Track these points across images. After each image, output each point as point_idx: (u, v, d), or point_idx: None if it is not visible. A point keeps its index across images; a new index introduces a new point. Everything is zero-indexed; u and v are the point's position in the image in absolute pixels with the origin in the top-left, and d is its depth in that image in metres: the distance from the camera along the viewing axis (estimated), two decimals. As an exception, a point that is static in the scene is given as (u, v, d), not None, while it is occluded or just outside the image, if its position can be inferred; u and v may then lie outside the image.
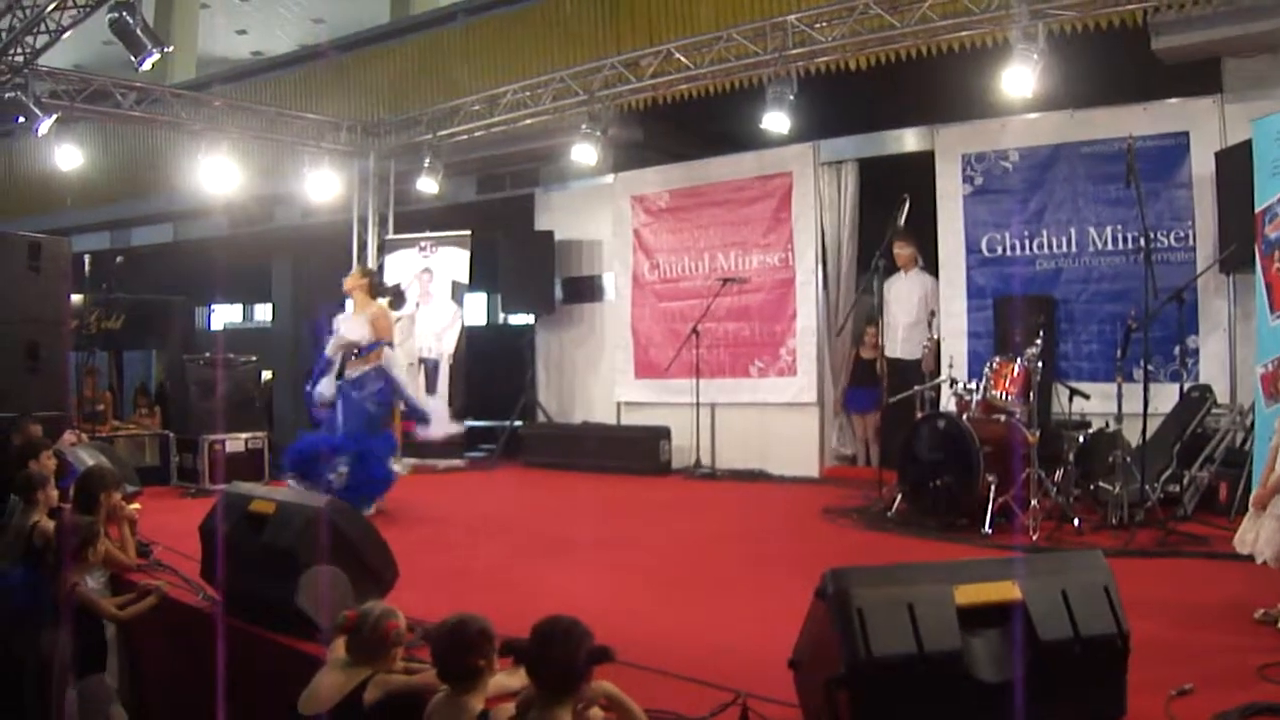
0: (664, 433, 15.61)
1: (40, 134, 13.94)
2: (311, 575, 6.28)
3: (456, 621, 4.68)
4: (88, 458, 10.14)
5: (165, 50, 11.86)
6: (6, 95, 13.69)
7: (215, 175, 15.84)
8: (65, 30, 12.43)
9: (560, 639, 4.23)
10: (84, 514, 7.37)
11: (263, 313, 35.69)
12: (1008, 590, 4.33)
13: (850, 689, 4.07)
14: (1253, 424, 10.16)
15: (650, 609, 7.38)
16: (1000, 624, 4.27)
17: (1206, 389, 11.19)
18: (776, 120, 12.90)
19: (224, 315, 38.01)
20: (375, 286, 12.25)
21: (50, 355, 12.59)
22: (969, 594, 4.28)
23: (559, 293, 17.75)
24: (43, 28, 12.53)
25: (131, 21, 11.41)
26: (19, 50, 13.04)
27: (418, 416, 12.83)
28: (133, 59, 11.75)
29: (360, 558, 6.63)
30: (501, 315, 23.98)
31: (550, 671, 4.23)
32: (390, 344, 11.94)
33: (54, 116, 13.88)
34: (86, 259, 16.41)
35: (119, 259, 17.42)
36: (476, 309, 24.90)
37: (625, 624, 5.97)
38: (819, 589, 4.35)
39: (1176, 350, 11.85)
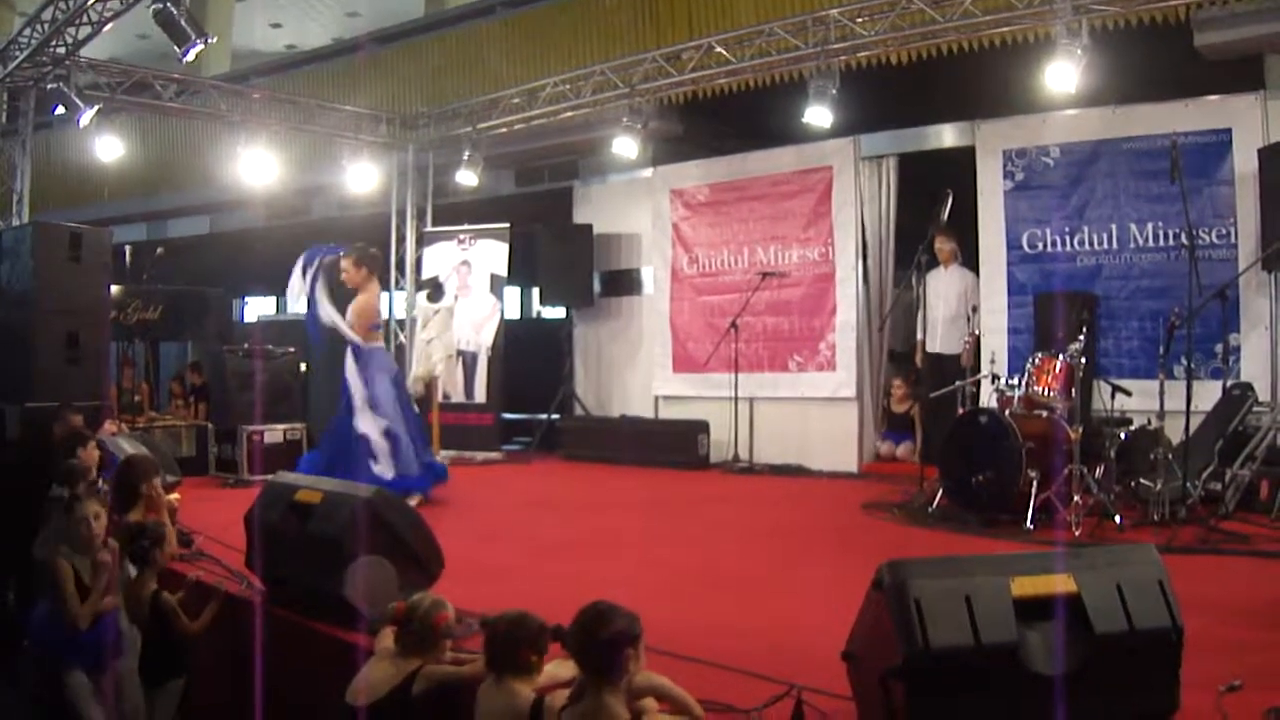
0: (702, 427, 15.59)
1: (82, 125, 14.00)
2: (358, 565, 6.29)
3: (519, 615, 4.73)
4: (128, 448, 10.16)
5: (209, 41, 11.89)
6: (48, 86, 13.77)
7: (253, 167, 15.95)
8: (107, 22, 12.50)
9: (597, 622, 4.26)
10: (124, 504, 7.39)
11: (297, 304, 35.70)
12: (1064, 583, 4.31)
13: (907, 680, 4.06)
14: (1294, 422, 10.16)
15: (696, 601, 7.38)
16: (1056, 616, 4.25)
17: (1248, 387, 11.11)
18: (819, 115, 12.93)
19: (257, 307, 38.02)
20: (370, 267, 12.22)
21: (90, 345, 12.63)
22: (1025, 586, 4.26)
23: (597, 286, 17.81)
24: (84, 19, 12.58)
25: (176, 12, 11.46)
26: (60, 42, 13.10)
27: None
28: (176, 50, 11.79)
29: (407, 548, 6.63)
30: (536, 308, 23.97)
31: (592, 655, 4.25)
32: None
33: (95, 108, 13.97)
34: (127, 250, 16.48)
35: (159, 250, 17.50)
36: (512, 302, 24.90)
37: (672, 616, 5.97)
38: (875, 580, 4.33)
39: (1218, 348, 11.78)
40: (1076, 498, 9.59)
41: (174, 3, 11.44)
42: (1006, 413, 10.22)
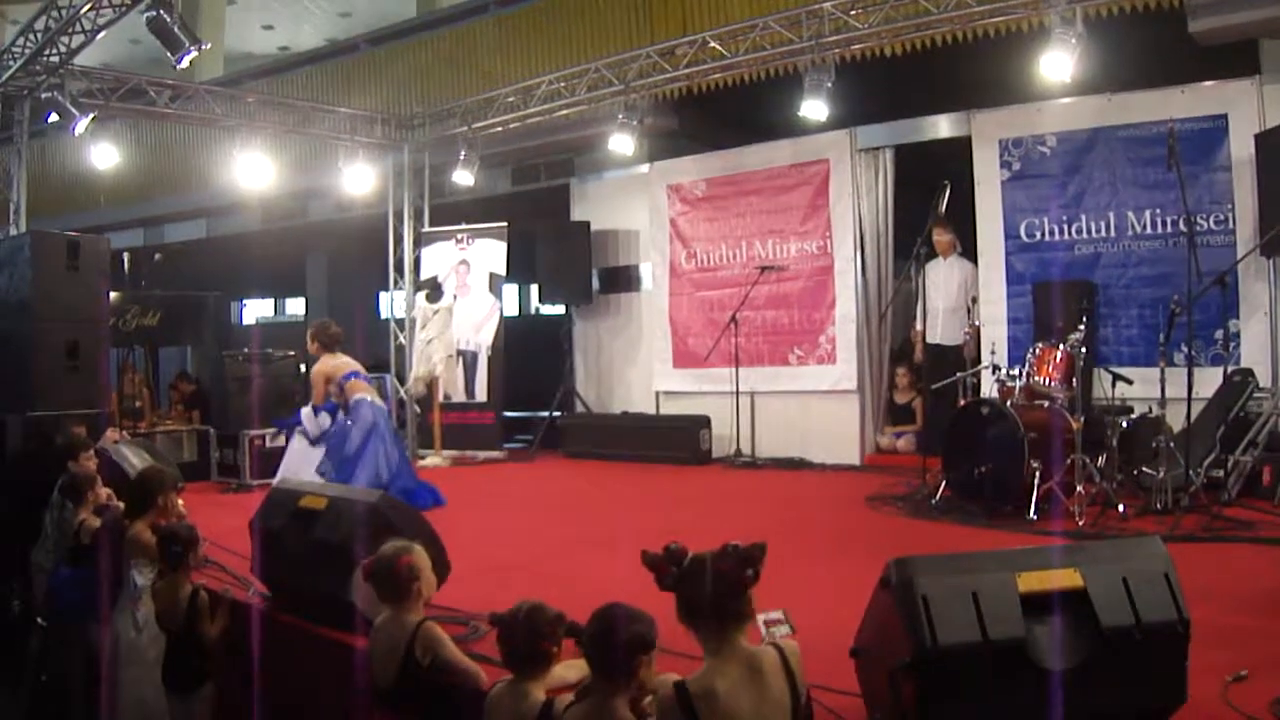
0: (704, 422, 15.61)
1: (77, 133, 13.99)
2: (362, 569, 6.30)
3: (531, 607, 4.68)
4: (131, 455, 10.16)
5: (203, 48, 11.89)
6: (43, 95, 13.76)
7: (249, 171, 15.95)
8: (101, 30, 12.48)
9: (613, 625, 4.25)
10: (136, 513, 7.39)
11: (294, 306, 35.74)
12: (1070, 577, 4.32)
13: (916, 677, 4.07)
14: (1295, 408, 10.17)
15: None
16: (1062, 611, 4.26)
17: (1248, 373, 11.11)
18: (815, 108, 12.90)
19: (255, 310, 38.04)
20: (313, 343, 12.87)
21: (90, 353, 12.61)
22: (1031, 581, 4.27)
23: (596, 283, 17.81)
24: (78, 27, 12.56)
25: (169, 20, 11.45)
26: (54, 50, 13.08)
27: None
28: (170, 57, 11.79)
29: (412, 552, 6.64)
30: (535, 305, 24.00)
31: (604, 657, 4.25)
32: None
33: (90, 115, 13.93)
34: (125, 256, 16.48)
35: (157, 256, 17.50)
36: (510, 300, 24.95)
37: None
38: (883, 578, 4.35)
39: (1218, 334, 11.81)
40: (1079, 487, 9.64)
41: (167, 10, 11.43)
42: (1008, 403, 10.22)
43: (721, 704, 3.85)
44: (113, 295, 14.51)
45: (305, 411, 12.44)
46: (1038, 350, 10.52)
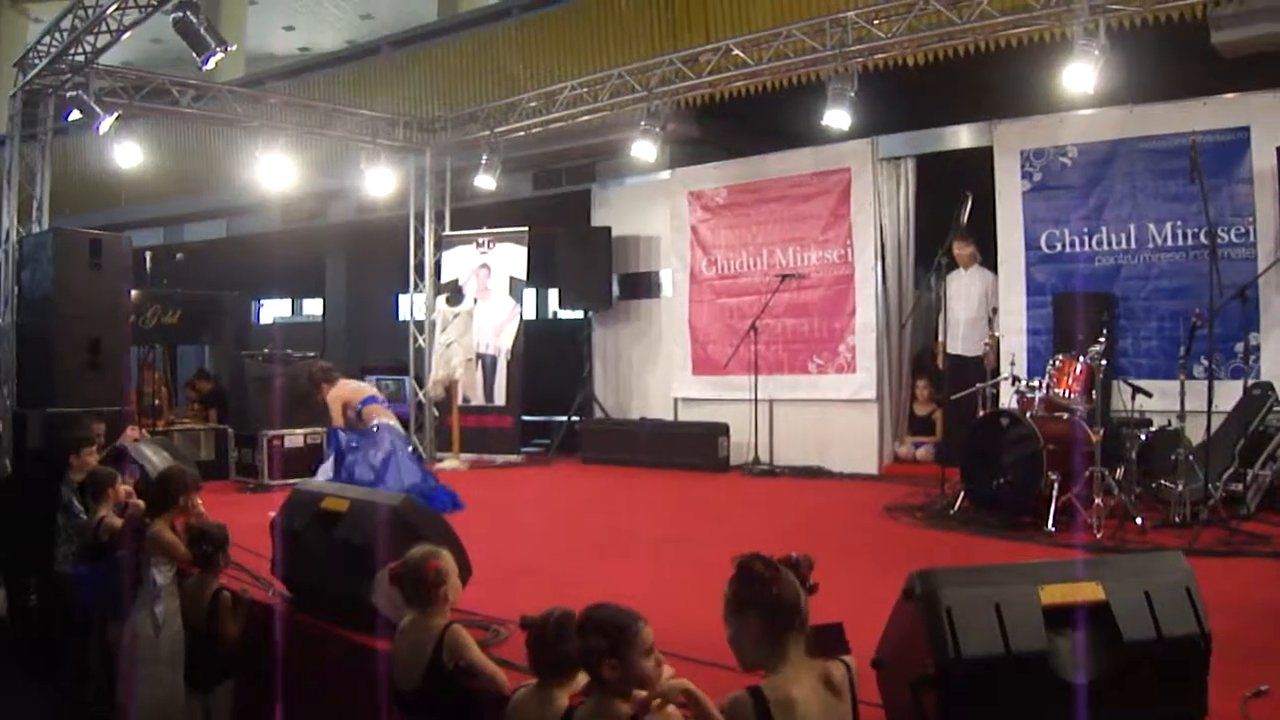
0: (722, 429, 15.64)
1: (101, 132, 14.02)
2: (385, 573, 6.31)
3: (563, 613, 4.61)
4: (151, 454, 10.18)
5: (229, 49, 11.92)
6: (67, 94, 13.79)
7: (270, 171, 16.00)
8: (126, 29, 12.51)
9: (583, 628, 4.20)
10: (156, 512, 7.40)
11: (311, 307, 35.75)
12: (1092, 591, 4.31)
13: (939, 689, 4.07)
14: (1315, 423, 10.14)
15: (718, 606, 7.37)
16: (1085, 624, 4.26)
17: (1269, 386, 11.05)
18: (837, 117, 12.92)
19: (272, 310, 38.06)
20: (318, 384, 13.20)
21: (111, 351, 12.66)
22: (1054, 594, 4.26)
23: (616, 289, 17.82)
24: (103, 27, 12.59)
25: (195, 21, 11.48)
26: (79, 49, 13.12)
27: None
28: (195, 58, 11.82)
29: (434, 555, 6.65)
30: (554, 310, 23.97)
31: (583, 659, 4.25)
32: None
33: (115, 115, 13.96)
34: (147, 255, 16.54)
35: (178, 255, 17.56)
36: (529, 304, 24.92)
37: (694, 620, 5.96)
38: (906, 589, 4.34)
39: (1238, 347, 11.78)
40: (1098, 500, 9.60)
41: (194, 12, 11.47)
42: (1027, 415, 10.22)
43: (799, 712, 3.82)
44: (133, 293, 14.55)
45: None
46: (1058, 362, 10.51)
